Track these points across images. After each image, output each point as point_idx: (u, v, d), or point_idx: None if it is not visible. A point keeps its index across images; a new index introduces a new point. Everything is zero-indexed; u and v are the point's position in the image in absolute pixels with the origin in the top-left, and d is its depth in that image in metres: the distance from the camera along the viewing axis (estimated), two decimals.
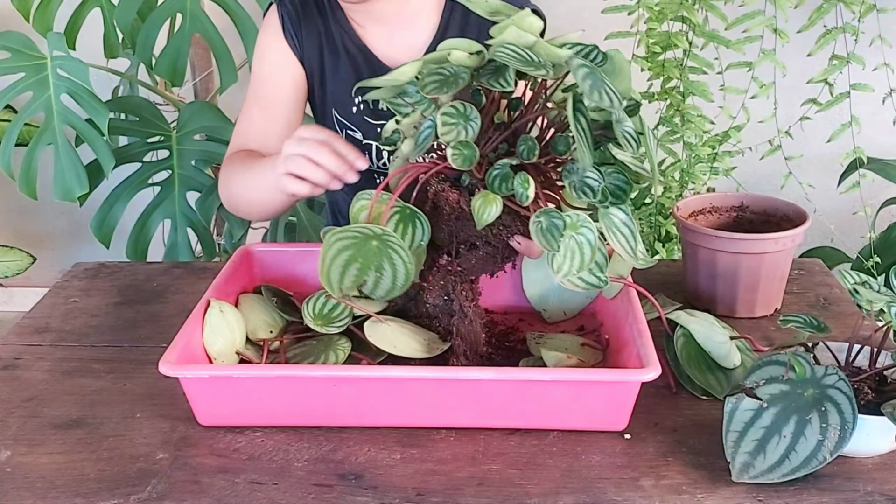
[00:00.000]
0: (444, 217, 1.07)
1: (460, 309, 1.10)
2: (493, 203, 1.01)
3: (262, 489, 0.96)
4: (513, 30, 0.99)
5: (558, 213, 0.99)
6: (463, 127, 1.01)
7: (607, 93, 0.95)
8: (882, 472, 0.98)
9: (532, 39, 0.99)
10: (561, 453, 1.01)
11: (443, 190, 1.06)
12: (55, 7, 2.12)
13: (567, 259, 1.00)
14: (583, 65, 0.96)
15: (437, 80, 1.01)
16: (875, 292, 1.02)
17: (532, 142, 1.02)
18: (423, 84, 1.01)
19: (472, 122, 1.01)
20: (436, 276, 1.11)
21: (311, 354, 1.14)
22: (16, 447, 1.04)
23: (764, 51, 1.99)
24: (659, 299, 1.29)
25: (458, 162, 1.00)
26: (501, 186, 1.01)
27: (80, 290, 1.42)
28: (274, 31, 1.39)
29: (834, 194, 2.23)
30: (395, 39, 1.37)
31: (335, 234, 1.06)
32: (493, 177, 1.01)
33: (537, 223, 1.00)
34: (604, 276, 1.02)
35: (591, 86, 0.94)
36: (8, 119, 2.42)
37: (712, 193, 1.44)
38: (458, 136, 1.00)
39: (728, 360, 1.13)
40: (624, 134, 0.98)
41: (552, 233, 0.99)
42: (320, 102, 1.44)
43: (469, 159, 1.00)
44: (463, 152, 1.00)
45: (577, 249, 1.00)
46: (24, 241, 2.87)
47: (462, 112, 1.01)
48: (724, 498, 0.94)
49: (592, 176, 1.00)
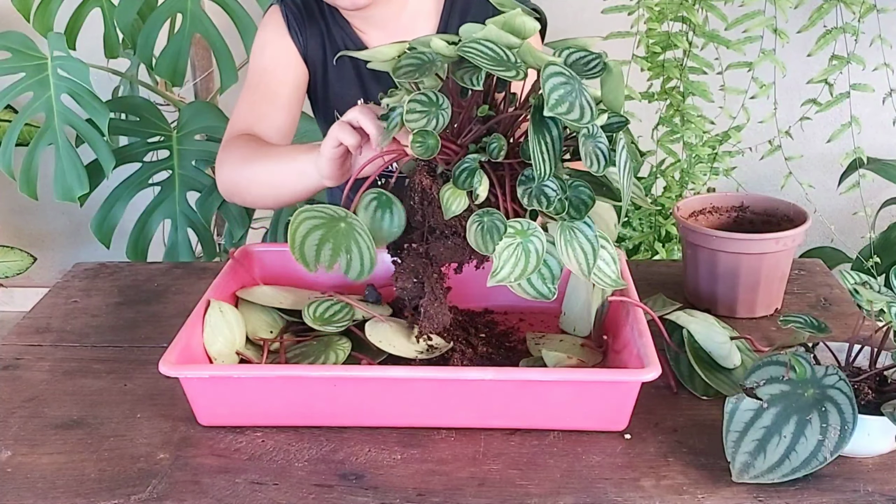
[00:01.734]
0: (416, 201, 1.06)
1: (431, 291, 1.10)
2: (460, 196, 1.00)
3: (263, 489, 0.96)
4: (492, 28, 0.96)
5: (500, 215, 0.98)
6: (434, 115, 0.98)
7: (581, 105, 0.93)
8: (882, 472, 0.98)
9: (516, 41, 0.97)
10: (561, 453, 1.01)
11: (419, 173, 1.05)
12: (55, 7, 2.12)
13: (509, 264, 0.98)
14: (558, 73, 0.93)
15: (412, 64, 0.99)
16: (875, 292, 1.02)
17: (502, 140, 1.00)
18: (396, 67, 0.99)
19: (443, 112, 0.98)
20: (406, 259, 1.10)
21: (311, 354, 1.14)
22: (16, 447, 1.04)
23: (764, 51, 1.99)
24: (659, 299, 1.30)
25: (419, 151, 0.98)
26: (466, 181, 0.99)
27: (81, 291, 1.42)
28: (277, 27, 1.39)
29: (834, 194, 2.23)
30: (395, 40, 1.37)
31: (303, 211, 1.04)
32: (460, 171, 0.99)
33: (478, 223, 0.98)
34: (553, 288, 1.00)
35: (560, 97, 0.92)
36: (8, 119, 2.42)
37: (712, 193, 1.44)
38: (427, 125, 0.97)
39: (728, 360, 1.13)
40: (594, 150, 0.96)
41: (491, 234, 0.97)
42: (322, 102, 1.44)
43: (431, 149, 0.98)
44: (425, 142, 0.98)
45: (524, 256, 0.98)
46: (24, 241, 2.87)
47: (433, 101, 0.98)
48: (724, 498, 0.94)
49: (551, 185, 0.97)
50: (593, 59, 0.99)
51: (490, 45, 0.96)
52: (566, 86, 0.93)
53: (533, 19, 0.99)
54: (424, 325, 1.11)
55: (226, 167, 1.32)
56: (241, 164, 1.30)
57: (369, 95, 1.40)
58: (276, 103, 1.37)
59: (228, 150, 1.33)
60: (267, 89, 1.38)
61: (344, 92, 1.41)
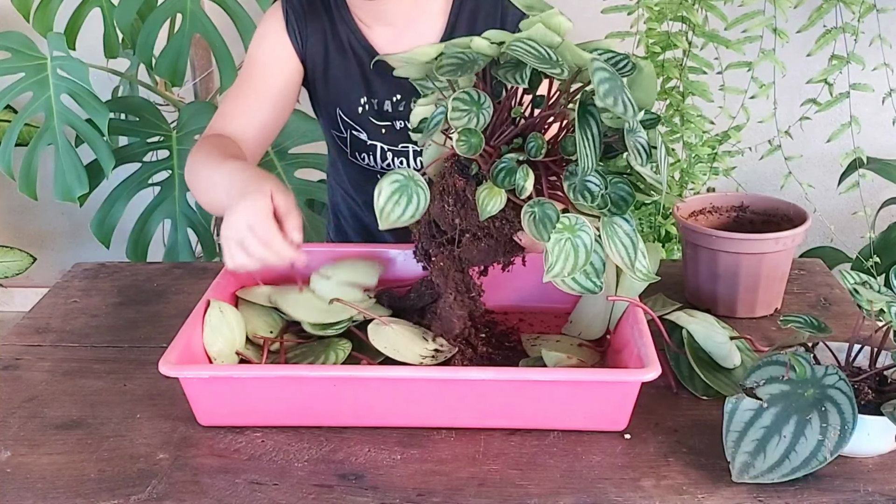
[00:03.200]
0: (450, 203, 1.07)
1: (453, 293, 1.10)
2: (497, 196, 1.01)
3: (263, 489, 0.96)
4: (539, 27, 0.99)
5: (552, 205, 0.99)
6: (475, 114, 1.00)
7: (623, 101, 0.95)
8: (882, 472, 0.98)
9: (557, 39, 0.99)
10: (561, 453, 1.01)
11: (451, 175, 1.06)
12: (55, 7, 2.12)
13: (560, 260, 0.99)
14: (603, 68, 0.96)
15: (454, 63, 1.01)
16: (875, 292, 1.02)
17: (541, 139, 1.02)
18: (439, 65, 1.01)
19: (485, 111, 1.01)
20: (437, 257, 1.11)
21: (312, 354, 1.14)
22: (16, 447, 1.04)
23: (764, 51, 1.99)
24: (659, 299, 1.30)
25: (464, 149, 1.00)
26: (505, 180, 1.01)
27: (81, 291, 1.42)
28: (276, 23, 1.39)
29: (834, 194, 2.23)
30: (401, 41, 1.37)
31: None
32: (497, 169, 1.01)
33: (530, 213, 1.00)
34: (599, 282, 1.02)
35: (606, 90, 0.94)
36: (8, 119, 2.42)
37: (712, 193, 1.44)
38: (468, 123, 1.00)
39: (728, 360, 1.13)
40: (635, 145, 0.98)
41: (544, 223, 0.99)
42: (324, 101, 1.43)
43: (475, 147, 1.00)
44: (469, 140, 1.00)
45: (573, 251, 0.99)
46: (24, 241, 2.87)
47: (475, 100, 1.01)
48: (724, 498, 0.94)
49: (594, 181, 1.00)
50: (622, 59, 1.01)
51: (534, 44, 0.98)
52: (611, 80, 0.95)
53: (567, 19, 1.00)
54: (436, 326, 1.12)
55: (189, 163, 1.31)
56: (197, 167, 1.28)
57: (373, 94, 1.39)
58: (263, 99, 1.37)
59: (197, 147, 1.32)
60: (257, 84, 1.38)
61: (347, 89, 1.40)
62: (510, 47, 0.97)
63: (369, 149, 1.42)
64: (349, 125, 1.42)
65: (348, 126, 1.42)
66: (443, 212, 1.08)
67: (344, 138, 1.44)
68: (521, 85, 0.99)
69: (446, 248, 1.11)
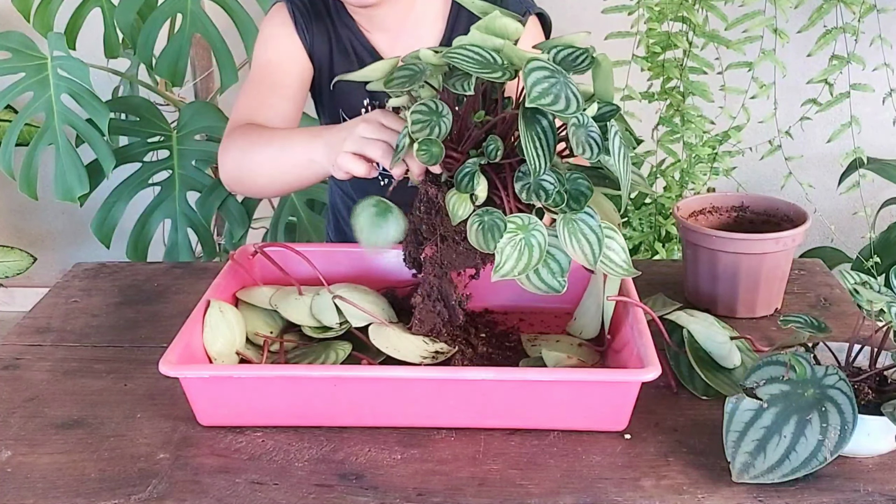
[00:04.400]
0: (422, 210, 1.08)
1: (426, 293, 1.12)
2: (465, 201, 1.01)
3: (263, 489, 0.96)
4: (474, 32, 0.99)
5: (500, 215, 0.99)
6: (436, 124, 1.00)
7: (567, 97, 0.94)
8: (882, 472, 0.98)
9: (499, 42, 0.99)
10: (561, 453, 1.01)
11: (423, 184, 1.07)
12: (55, 7, 2.12)
13: (512, 259, 0.99)
14: (541, 67, 0.95)
15: (404, 76, 1.01)
16: (875, 292, 1.02)
17: (498, 141, 1.01)
18: (389, 80, 1.01)
19: (444, 119, 1.00)
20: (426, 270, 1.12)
21: (312, 354, 1.14)
22: (17, 447, 1.04)
23: (764, 51, 1.99)
24: (659, 299, 1.30)
25: (425, 158, 1.00)
26: (468, 185, 1.01)
27: (81, 290, 1.42)
28: (283, 22, 1.38)
29: (834, 194, 2.24)
30: (401, 44, 1.37)
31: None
32: (461, 175, 1.01)
33: (477, 222, 0.99)
34: (563, 280, 1.01)
35: (544, 89, 0.93)
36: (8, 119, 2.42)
37: (712, 193, 1.44)
38: (430, 134, 1.00)
39: (728, 360, 1.13)
40: (586, 139, 0.97)
41: (492, 232, 0.99)
42: (328, 101, 1.43)
43: (436, 157, 1.00)
44: (430, 150, 1.00)
45: (527, 250, 0.99)
46: (24, 241, 2.87)
47: (434, 109, 1.01)
48: (724, 498, 0.94)
49: (548, 179, 0.99)
50: (581, 53, 1.00)
51: (475, 49, 0.98)
52: (550, 79, 0.95)
53: (515, 20, 1.00)
54: (415, 325, 1.12)
55: (230, 156, 1.29)
56: (247, 151, 1.27)
57: (375, 96, 1.40)
58: (281, 94, 1.36)
59: (232, 139, 1.30)
60: (272, 81, 1.37)
61: (350, 91, 1.40)
62: (447, 56, 0.97)
63: None
64: None
65: None
66: (420, 220, 1.09)
67: None
68: (467, 93, 0.99)
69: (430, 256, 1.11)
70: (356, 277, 1.28)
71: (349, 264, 1.30)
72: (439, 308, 1.13)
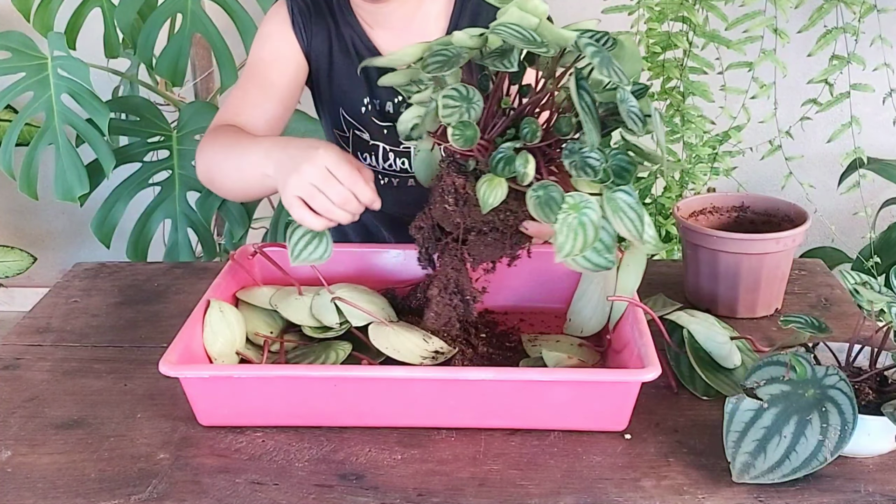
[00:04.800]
0: (451, 203, 1.06)
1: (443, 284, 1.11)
2: (498, 186, 1.00)
3: (263, 489, 0.96)
4: (514, 10, 0.99)
5: (556, 187, 0.99)
6: (465, 109, 1.00)
7: (615, 71, 0.96)
8: (883, 472, 0.98)
9: (535, 21, 0.99)
10: (562, 454, 1.01)
11: (449, 174, 1.06)
12: (55, 7, 2.12)
13: (570, 238, 0.99)
14: (591, 44, 0.97)
15: (439, 60, 1.00)
16: (875, 292, 1.02)
17: (535, 124, 1.01)
18: (424, 64, 1.00)
19: (475, 105, 1.00)
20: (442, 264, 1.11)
21: (312, 354, 1.14)
22: (17, 447, 1.04)
23: (764, 51, 1.99)
24: (659, 299, 1.30)
25: (460, 142, 0.99)
26: (505, 169, 1.00)
27: (81, 290, 1.42)
28: (282, 20, 1.39)
29: (834, 194, 2.23)
30: (404, 43, 1.36)
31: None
32: (496, 159, 1.01)
33: (535, 196, 0.99)
34: (610, 257, 1.01)
35: (600, 62, 0.95)
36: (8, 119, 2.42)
37: (713, 194, 1.44)
38: (461, 118, 0.99)
39: (729, 360, 1.13)
40: (629, 113, 0.98)
41: (549, 205, 0.98)
42: (327, 100, 1.43)
43: (470, 140, 0.99)
44: (464, 133, 0.99)
45: (581, 229, 0.99)
46: (24, 241, 2.87)
47: (464, 95, 1.00)
48: (724, 498, 0.94)
49: (594, 155, 0.99)
50: (602, 35, 1.02)
51: (515, 27, 0.98)
52: (600, 53, 0.96)
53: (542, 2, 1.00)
54: (430, 318, 1.12)
55: (203, 156, 1.31)
56: (216, 156, 1.28)
57: (376, 95, 1.40)
58: (270, 93, 1.36)
59: (208, 140, 1.31)
60: (263, 79, 1.37)
61: (350, 90, 1.40)
62: (496, 30, 0.97)
63: (371, 149, 1.42)
64: (352, 125, 1.42)
65: (351, 126, 1.42)
66: (445, 213, 1.07)
67: (346, 138, 1.44)
68: (510, 69, 0.99)
69: (452, 248, 1.11)
70: (356, 277, 1.28)
71: (349, 264, 1.30)
72: (455, 301, 1.13)
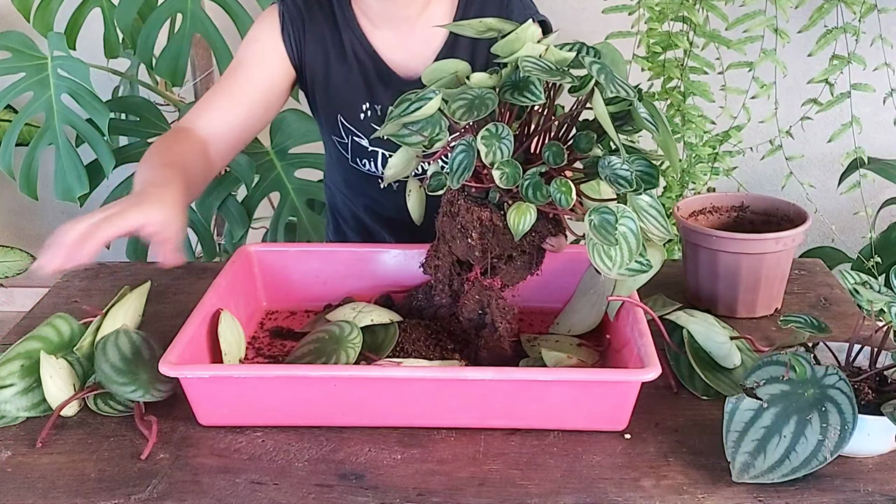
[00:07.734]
0: (475, 238, 1.07)
1: (492, 323, 1.12)
2: (527, 213, 1.02)
3: (263, 489, 0.96)
4: (529, 45, 1.01)
5: (608, 209, 1.00)
6: (498, 147, 1.01)
7: (619, 84, 0.97)
8: (882, 472, 0.98)
9: (541, 49, 1.01)
10: (561, 453, 1.01)
11: (469, 210, 1.07)
12: (55, 7, 2.12)
13: (618, 251, 1.00)
14: (593, 62, 0.99)
15: (463, 104, 1.02)
16: (875, 292, 1.02)
17: (557, 146, 1.03)
18: (452, 111, 1.02)
19: (506, 141, 1.02)
20: (471, 290, 1.12)
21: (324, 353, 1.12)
22: (16, 447, 1.04)
23: (765, 51, 1.99)
24: (659, 299, 1.29)
25: (504, 181, 1.01)
26: (536, 195, 1.02)
27: (81, 291, 1.42)
28: (270, 26, 1.37)
29: (834, 194, 2.23)
30: (405, 46, 1.36)
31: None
32: (526, 187, 1.02)
33: (591, 221, 1.00)
34: (646, 261, 1.02)
35: (605, 79, 0.97)
36: (8, 119, 2.42)
37: (713, 193, 1.44)
38: (501, 157, 1.01)
39: (728, 360, 1.13)
40: (644, 119, 1.00)
41: (606, 228, 1.00)
42: (324, 107, 1.42)
43: (513, 178, 1.01)
44: (507, 171, 1.01)
45: (624, 240, 1.00)
46: (24, 241, 2.87)
47: (495, 133, 1.02)
48: (724, 498, 0.94)
49: (624, 167, 1.01)
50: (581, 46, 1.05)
51: (531, 60, 1.01)
52: (604, 70, 0.99)
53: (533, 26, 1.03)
54: (483, 355, 1.13)
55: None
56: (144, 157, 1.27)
57: (375, 100, 1.39)
58: (238, 99, 1.35)
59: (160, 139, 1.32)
60: (234, 84, 1.36)
61: (349, 96, 1.39)
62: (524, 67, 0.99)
63: (370, 155, 1.41)
64: (350, 131, 1.41)
65: (349, 132, 1.41)
66: (469, 248, 1.09)
67: (345, 144, 1.43)
68: (537, 101, 1.00)
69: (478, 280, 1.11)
70: (356, 277, 1.28)
71: (349, 264, 1.30)
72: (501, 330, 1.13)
